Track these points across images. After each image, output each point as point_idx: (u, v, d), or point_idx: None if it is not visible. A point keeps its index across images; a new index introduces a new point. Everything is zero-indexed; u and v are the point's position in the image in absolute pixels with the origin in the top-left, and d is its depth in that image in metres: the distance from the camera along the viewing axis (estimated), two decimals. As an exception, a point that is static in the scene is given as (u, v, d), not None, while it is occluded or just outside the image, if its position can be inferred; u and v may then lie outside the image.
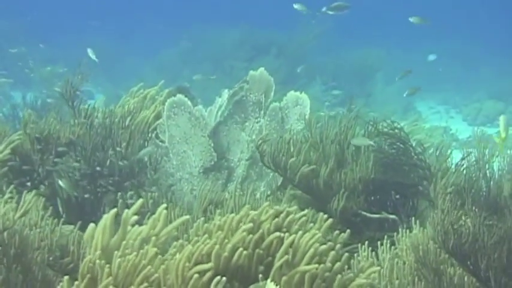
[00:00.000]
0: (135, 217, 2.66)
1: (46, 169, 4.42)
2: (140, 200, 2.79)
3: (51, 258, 3.28)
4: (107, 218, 2.61)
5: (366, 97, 15.84)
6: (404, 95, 10.67)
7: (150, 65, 19.42)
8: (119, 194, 4.47)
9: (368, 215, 4.23)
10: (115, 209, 2.67)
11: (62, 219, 3.64)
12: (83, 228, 3.11)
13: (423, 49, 22.33)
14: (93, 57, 10.01)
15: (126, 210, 2.60)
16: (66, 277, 2.44)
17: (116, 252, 2.45)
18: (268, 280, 2.43)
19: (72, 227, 3.67)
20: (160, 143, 4.96)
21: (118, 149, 4.57)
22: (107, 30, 23.68)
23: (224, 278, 2.31)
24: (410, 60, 21.59)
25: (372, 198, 4.39)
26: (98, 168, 4.53)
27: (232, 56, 17.21)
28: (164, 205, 2.77)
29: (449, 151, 4.59)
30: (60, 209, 4.61)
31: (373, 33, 23.66)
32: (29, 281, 3.04)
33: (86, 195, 4.55)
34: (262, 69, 5.03)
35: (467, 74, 20.58)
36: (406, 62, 20.97)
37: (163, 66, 18.57)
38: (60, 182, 4.40)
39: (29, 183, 4.44)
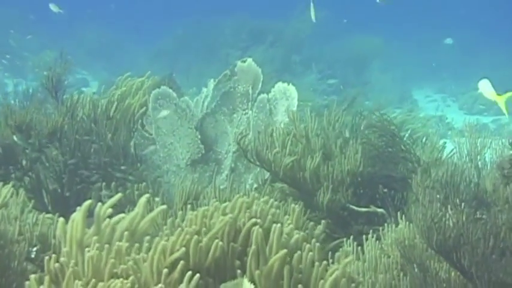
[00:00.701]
0: (110, 210, 2.59)
1: (29, 160, 4.34)
2: (118, 195, 2.74)
3: (34, 252, 3.22)
4: (79, 212, 2.55)
5: (362, 85, 15.75)
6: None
7: (147, 54, 19.38)
8: (103, 185, 4.41)
9: (356, 208, 4.17)
10: (87, 202, 2.60)
11: (44, 213, 3.58)
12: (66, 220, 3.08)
13: (421, 37, 22.28)
14: (57, 9, 9.67)
15: (100, 204, 2.54)
16: (32, 276, 2.38)
17: (86, 248, 2.40)
18: (245, 277, 2.38)
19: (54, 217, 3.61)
20: (146, 134, 4.88)
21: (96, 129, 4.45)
22: (105, 19, 23.57)
23: (198, 275, 2.25)
24: (407, 48, 21.56)
25: (361, 191, 4.33)
26: (72, 161, 4.45)
27: (228, 44, 17.14)
28: (147, 195, 2.72)
29: (440, 141, 4.55)
30: (46, 200, 4.57)
31: (370, 21, 23.56)
32: (7, 276, 2.96)
33: (71, 187, 4.48)
34: (250, 60, 4.93)
35: (466, 62, 20.49)
36: (403, 50, 20.96)
37: (159, 55, 18.51)
38: (14, 137, 4.31)
39: (13, 175, 4.37)
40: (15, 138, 4.27)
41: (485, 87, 4.64)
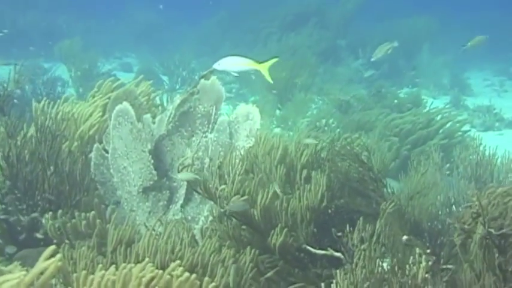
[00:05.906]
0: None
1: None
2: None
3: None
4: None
5: (411, 70, 14.94)
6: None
7: (191, 35, 19.12)
8: (49, 214, 4.06)
9: (312, 250, 3.69)
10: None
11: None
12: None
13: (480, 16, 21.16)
14: None
15: None
16: None
17: None
18: None
19: None
20: (105, 154, 4.48)
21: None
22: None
23: None
24: (468, 27, 20.45)
25: (321, 229, 3.84)
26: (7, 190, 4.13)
27: (270, 26, 16.64)
28: (52, 247, 2.38)
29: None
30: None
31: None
32: None
33: (15, 217, 4.16)
34: (214, 78, 4.42)
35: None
36: (458, 32, 19.85)
37: (203, 37, 18.23)
38: None
39: None
40: None
41: (232, 62, 4.33)
